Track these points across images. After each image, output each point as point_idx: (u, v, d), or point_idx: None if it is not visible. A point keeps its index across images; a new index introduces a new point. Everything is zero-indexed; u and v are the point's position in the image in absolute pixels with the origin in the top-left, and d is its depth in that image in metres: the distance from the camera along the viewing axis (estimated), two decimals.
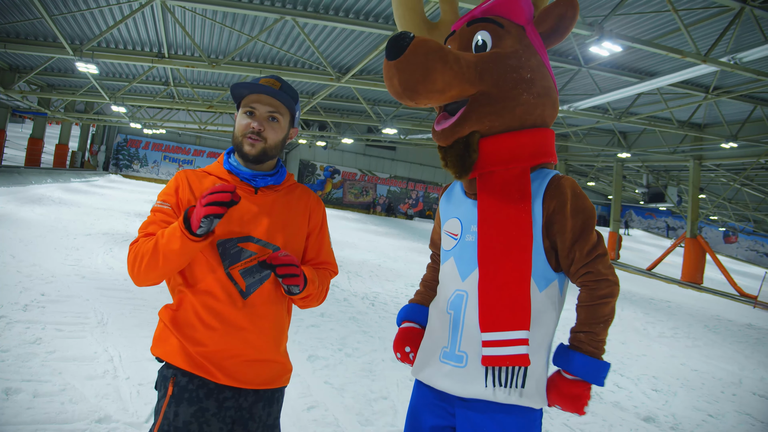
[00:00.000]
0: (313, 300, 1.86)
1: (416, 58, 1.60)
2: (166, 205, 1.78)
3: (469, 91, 1.69)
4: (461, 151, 1.73)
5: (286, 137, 1.88)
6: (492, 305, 1.63)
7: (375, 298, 7.71)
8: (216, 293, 1.72)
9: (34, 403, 3.12)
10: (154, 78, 18.38)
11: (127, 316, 5.07)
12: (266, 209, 1.82)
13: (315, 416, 3.54)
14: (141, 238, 1.73)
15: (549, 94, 1.78)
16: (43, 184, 18.93)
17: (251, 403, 1.76)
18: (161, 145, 34.83)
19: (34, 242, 8.10)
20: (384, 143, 31.57)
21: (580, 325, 1.64)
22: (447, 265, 1.81)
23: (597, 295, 1.63)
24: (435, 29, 2.02)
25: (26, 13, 11.70)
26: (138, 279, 1.72)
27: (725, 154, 17.90)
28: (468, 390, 1.66)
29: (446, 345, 1.74)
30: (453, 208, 1.87)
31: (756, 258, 41.16)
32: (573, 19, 1.75)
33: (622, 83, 11.96)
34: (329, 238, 2.02)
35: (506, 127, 1.72)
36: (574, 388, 1.60)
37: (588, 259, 1.63)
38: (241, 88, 1.80)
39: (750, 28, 8.94)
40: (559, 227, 1.64)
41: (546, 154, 1.77)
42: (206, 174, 1.86)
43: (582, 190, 1.69)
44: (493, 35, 1.76)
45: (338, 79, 13.34)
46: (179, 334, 1.73)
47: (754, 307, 13.80)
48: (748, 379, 6.17)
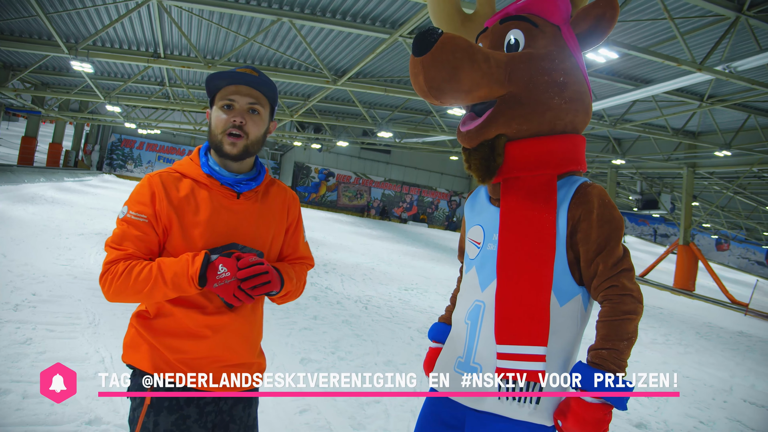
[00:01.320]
0: (290, 296, 1.79)
1: (443, 56, 1.52)
2: (141, 217, 1.63)
3: (497, 92, 1.62)
4: (486, 154, 1.66)
5: (266, 131, 1.77)
6: (509, 317, 1.57)
7: (368, 302, 7.69)
8: (200, 303, 1.66)
9: (23, 405, 3.09)
10: (149, 78, 18.34)
11: (119, 317, 5.03)
12: (249, 214, 1.74)
13: (307, 419, 3.52)
14: (121, 259, 1.61)
15: (582, 99, 1.69)
16: (36, 183, 18.83)
17: (231, 406, 1.73)
18: (156, 145, 34.69)
19: (26, 241, 8.05)
20: (379, 146, 31.58)
21: (601, 342, 1.51)
22: (469, 274, 1.75)
23: (621, 310, 1.50)
24: (468, 21, 1.92)
25: (21, 11, 11.63)
26: (114, 301, 1.63)
27: (719, 162, 18.01)
28: (480, 402, 1.62)
29: (461, 355, 1.69)
30: (476, 215, 1.80)
31: (747, 266, 41.40)
32: (612, 21, 1.65)
33: (618, 90, 12.00)
34: (304, 232, 1.94)
35: (535, 132, 1.64)
36: (596, 412, 1.45)
37: (613, 272, 1.53)
38: (217, 79, 1.69)
39: (745, 38, 9.00)
40: (583, 236, 1.56)
41: (575, 162, 1.68)
42: (180, 176, 1.72)
43: (611, 199, 1.60)
44: (527, 35, 1.68)
45: (334, 81, 13.33)
46: (156, 342, 1.65)
47: (746, 314, 13.87)
48: (739, 386, 6.19)
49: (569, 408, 1.49)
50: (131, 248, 1.62)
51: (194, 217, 1.67)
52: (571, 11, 1.73)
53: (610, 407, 1.46)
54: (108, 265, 1.61)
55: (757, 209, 28.61)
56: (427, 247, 19.72)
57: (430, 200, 38.05)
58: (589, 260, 1.55)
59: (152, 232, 1.65)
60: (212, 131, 1.71)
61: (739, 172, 19.69)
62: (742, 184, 23.24)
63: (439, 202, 38.22)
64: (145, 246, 1.64)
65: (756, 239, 37.73)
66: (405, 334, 6.11)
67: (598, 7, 1.64)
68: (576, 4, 1.77)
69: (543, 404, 1.55)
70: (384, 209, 37.22)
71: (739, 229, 36.00)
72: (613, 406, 1.45)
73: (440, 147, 25.05)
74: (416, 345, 5.73)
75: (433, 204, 38.12)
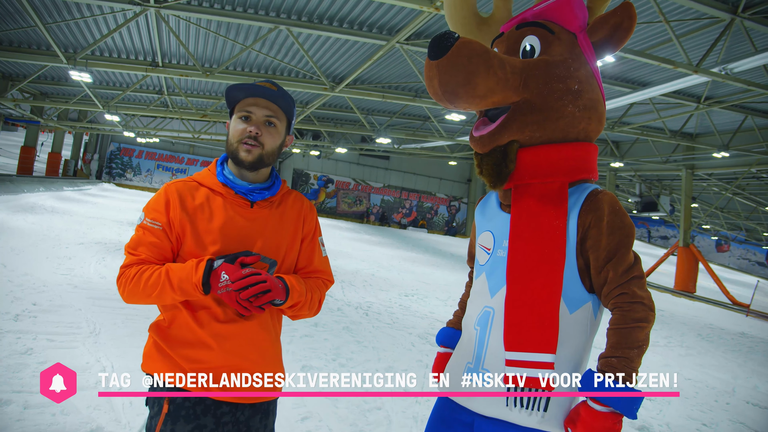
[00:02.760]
0: (303, 309, 1.77)
1: (459, 60, 1.51)
2: (156, 224, 1.69)
3: (512, 98, 1.61)
4: (498, 159, 1.65)
5: (282, 144, 1.80)
6: (518, 324, 1.56)
7: (369, 308, 7.69)
8: (213, 311, 1.68)
9: (24, 415, 3.08)
10: (147, 87, 18.37)
11: (119, 326, 5.03)
12: (262, 223, 1.75)
13: (309, 427, 3.52)
14: (134, 263, 1.67)
15: (595, 107, 1.68)
16: (35, 193, 18.84)
17: (248, 417, 1.73)
18: (155, 153, 34.70)
19: (25, 251, 8.05)
20: (378, 153, 31.61)
21: (611, 350, 1.49)
22: (479, 280, 1.75)
23: (632, 317, 1.48)
24: (485, 25, 1.91)
25: (20, 21, 11.68)
26: (131, 302, 1.70)
27: (717, 163, 18.04)
28: (488, 408, 1.61)
29: (471, 361, 1.69)
30: (487, 221, 1.80)
31: (748, 267, 41.39)
32: (629, 30, 1.65)
33: (615, 93, 12.05)
34: (322, 246, 1.94)
35: (547, 139, 1.64)
36: (605, 421, 1.43)
37: (623, 279, 1.52)
38: (236, 91, 1.74)
39: (740, 39, 9.05)
40: (593, 243, 1.55)
41: (587, 171, 1.68)
42: (198, 185, 1.77)
43: (622, 206, 1.59)
44: (543, 41, 1.67)
45: (332, 88, 13.37)
46: (173, 352, 1.68)
47: (747, 315, 13.85)
48: (741, 387, 6.18)
49: (579, 416, 1.48)
50: (145, 253, 1.68)
51: (208, 225, 1.70)
52: (588, 19, 1.73)
53: (620, 416, 1.43)
54: (123, 268, 1.68)
55: (757, 210, 28.64)
56: (427, 252, 19.72)
57: (429, 206, 38.07)
58: (599, 267, 1.55)
59: (166, 238, 1.70)
60: (229, 140, 1.76)
61: (737, 173, 19.72)
62: (741, 184, 23.28)
63: (438, 207, 38.24)
64: (158, 252, 1.69)
65: (756, 240, 37.73)
66: (406, 341, 6.10)
67: (616, 15, 1.64)
68: (593, 12, 1.77)
69: (551, 412, 1.54)
70: (383, 215, 37.23)
71: (738, 230, 36.02)
72: (623, 414, 1.43)
73: (439, 152, 25.10)
74: (417, 351, 5.73)
75: (433, 209, 38.13)
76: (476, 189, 37.36)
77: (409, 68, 12.68)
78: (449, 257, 18.70)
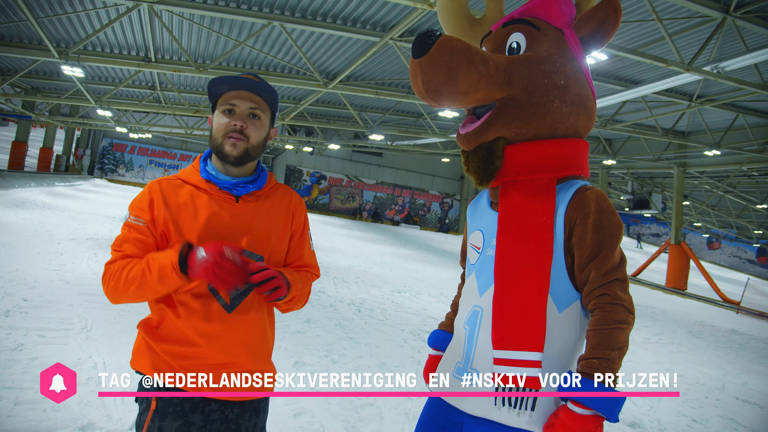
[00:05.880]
0: (296, 303, 1.78)
1: (440, 58, 1.51)
2: (140, 221, 1.68)
3: (496, 95, 1.60)
4: (484, 157, 1.65)
5: (267, 137, 1.77)
6: (505, 322, 1.54)
7: (361, 305, 7.69)
8: (200, 309, 1.66)
9: (15, 411, 3.07)
10: (140, 82, 18.27)
11: (111, 322, 5.01)
12: (249, 218, 1.73)
13: (301, 423, 3.52)
14: (118, 259, 1.65)
15: (584, 103, 1.67)
16: (26, 188, 18.73)
17: (237, 415, 1.72)
18: (147, 149, 34.56)
19: (17, 247, 8.00)
20: (371, 149, 31.62)
21: (592, 351, 1.47)
22: (469, 279, 1.74)
23: (613, 318, 1.47)
24: (477, 25, 1.92)
25: (11, 15, 11.58)
26: (116, 301, 1.67)
27: (708, 161, 18.15)
28: (477, 408, 1.60)
29: (460, 360, 1.68)
30: (477, 220, 1.78)
31: (739, 264, 41.70)
32: (615, 24, 1.66)
33: (608, 91, 12.08)
34: (311, 241, 1.92)
35: (534, 135, 1.63)
36: (585, 424, 1.41)
37: (605, 280, 1.49)
38: (219, 84, 1.71)
39: (732, 38, 9.08)
40: (578, 240, 1.53)
41: (576, 167, 1.66)
42: (182, 183, 1.74)
43: (611, 204, 1.56)
44: (528, 37, 1.67)
45: (325, 84, 13.36)
46: (161, 349, 1.67)
47: (737, 312, 13.97)
48: (731, 384, 6.23)
49: (558, 419, 1.45)
50: (130, 249, 1.66)
51: (192, 222, 1.68)
52: (575, 15, 1.73)
53: (601, 419, 1.42)
54: (107, 265, 1.67)
55: (747, 208, 28.83)
56: (420, 249, 19.74)
57: (422, 202, 38.10)
58: (582, 266, 1.53)
59: (150, 235, 1.68)
60: (213, 135, 1.73)
61: (728, 171, 19.84)
62: (732, 182, 23.43)
63: (431, 204, 38.28)
64: (143, 247, 1.67)
65: (747, 237, 38.02)
66: (398, 337, 6.11)
67: (601, 10, 1.64)
68: (580, 8, 1.77)
69: (539, 412, 1.52)
70: (376, 212, 37.23)
71: (729, 228, 36.27)
72: (605, 417, 1.41)
73: (432, 149, 25.10)
74: (410, 347, 5.74)
75: (425, 206, 38.16)
76: (469, 186, 37.41)
77: (402, 65, 12.67)
78: (442, 254, 18.73)
